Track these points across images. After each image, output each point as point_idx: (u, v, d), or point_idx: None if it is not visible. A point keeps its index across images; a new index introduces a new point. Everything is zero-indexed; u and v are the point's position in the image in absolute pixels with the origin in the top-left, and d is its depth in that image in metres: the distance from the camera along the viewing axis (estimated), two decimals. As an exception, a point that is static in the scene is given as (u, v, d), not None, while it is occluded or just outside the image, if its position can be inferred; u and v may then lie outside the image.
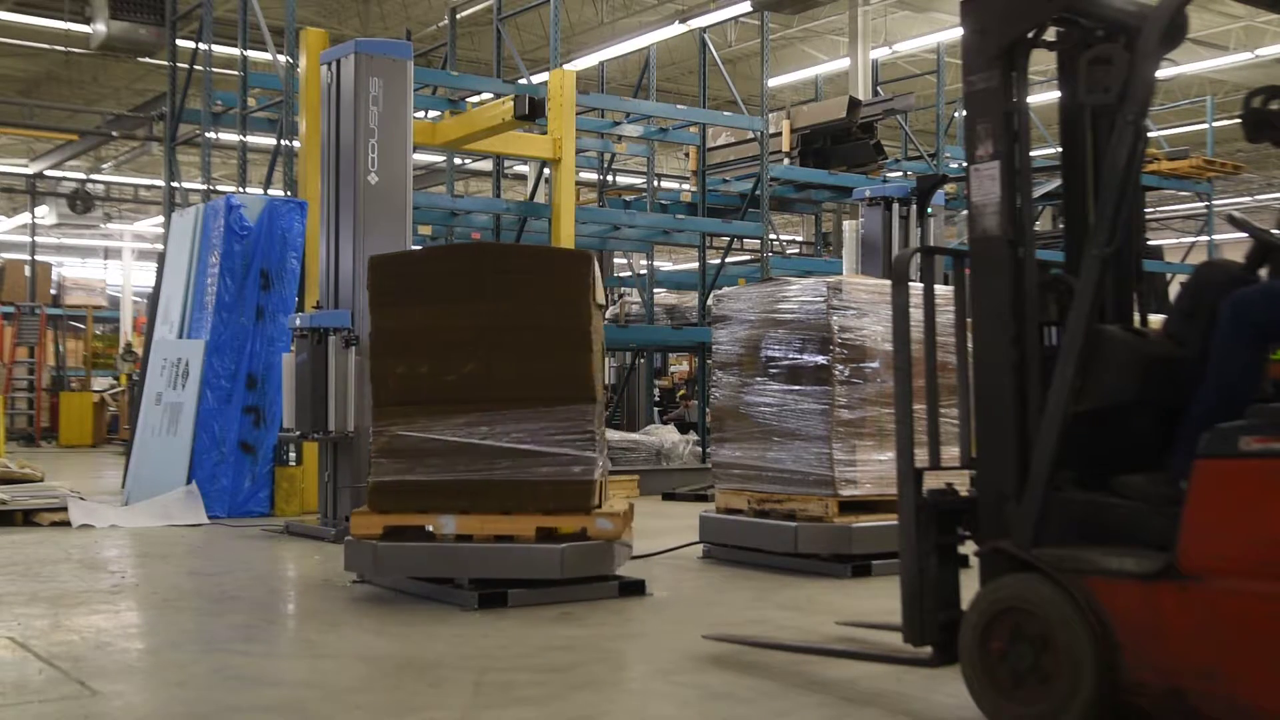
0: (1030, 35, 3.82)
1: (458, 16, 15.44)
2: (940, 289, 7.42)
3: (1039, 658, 3.49)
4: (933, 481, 4.08)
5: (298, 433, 8.12)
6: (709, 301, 11.04)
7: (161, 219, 15.88)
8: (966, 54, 3.88)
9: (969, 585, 3.85)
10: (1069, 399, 3.57)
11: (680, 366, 23.78)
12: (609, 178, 17.85)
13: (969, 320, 4.06)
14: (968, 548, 4.00)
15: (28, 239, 24.89)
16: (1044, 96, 22.20)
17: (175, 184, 13.04)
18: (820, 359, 6.58)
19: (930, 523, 3.92)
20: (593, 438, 5.70)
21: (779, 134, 14.92)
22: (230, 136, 12.73)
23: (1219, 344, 3.47)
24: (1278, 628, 3.13)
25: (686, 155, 17.31)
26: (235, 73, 11.61)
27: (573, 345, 5.75)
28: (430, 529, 5.76)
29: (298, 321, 8.13)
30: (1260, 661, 3.15)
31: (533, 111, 10.54)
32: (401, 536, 5.78)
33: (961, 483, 4.09)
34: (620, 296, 17.87)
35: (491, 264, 5.94)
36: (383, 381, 5.88)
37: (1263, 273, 3.72)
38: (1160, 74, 3.76)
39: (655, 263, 18.06)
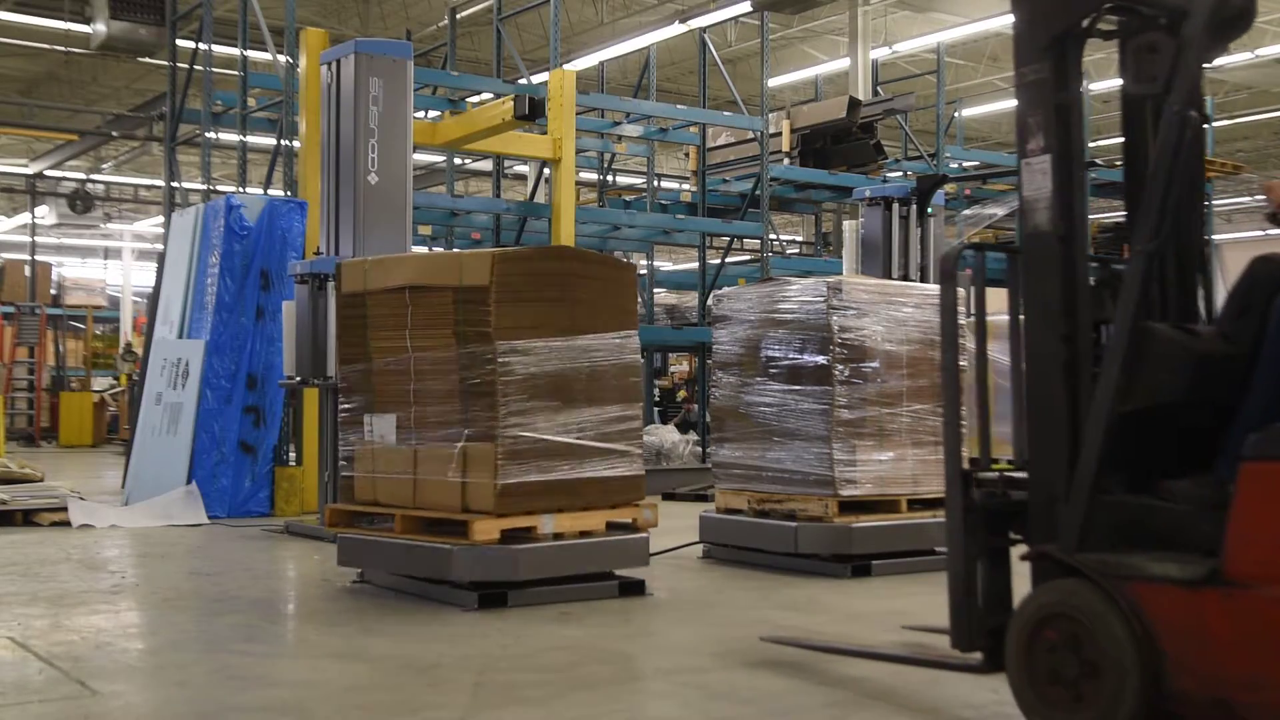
0: (1084, 25, 3.69)
1: (458, 16, 15.44)
2: (934, 288, 7.43)
3: (1083, 665, 3.40)
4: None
5: (297, 379, 8.13)
6: (709, 301, 11.04)
7: (161, 219, 15.87)
8: (1017, 45, 3.77)
9: (1025, 590, 3.76)
10: (1114, 399, 3.46)
11: (680, 366, 23.77)
12: (609, 178, 17.84)
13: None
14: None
15: (28, 239, 24.88)
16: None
17: (175, 184, 13.03)
18: (820, 359, 6.58)
19: (979, 525, 3.81)
20: (640, 436, 6.13)
21: (779, 134, 14.92)
22: (230, 136, 12.72)
23: (1270, 343, 3.35)
24: None
25: (686, 155, 17.31)
26: (235, 73, 11.60)
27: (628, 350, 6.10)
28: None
29: (298, 268, 8.14)
30: None
31: (533, 111, 10.54)
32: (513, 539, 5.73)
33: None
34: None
35: (577, 269, 6.08)
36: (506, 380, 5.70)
37: None
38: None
39: (655, 263, 18.06)
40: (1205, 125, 3.85)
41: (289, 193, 10.45)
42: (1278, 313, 3.36)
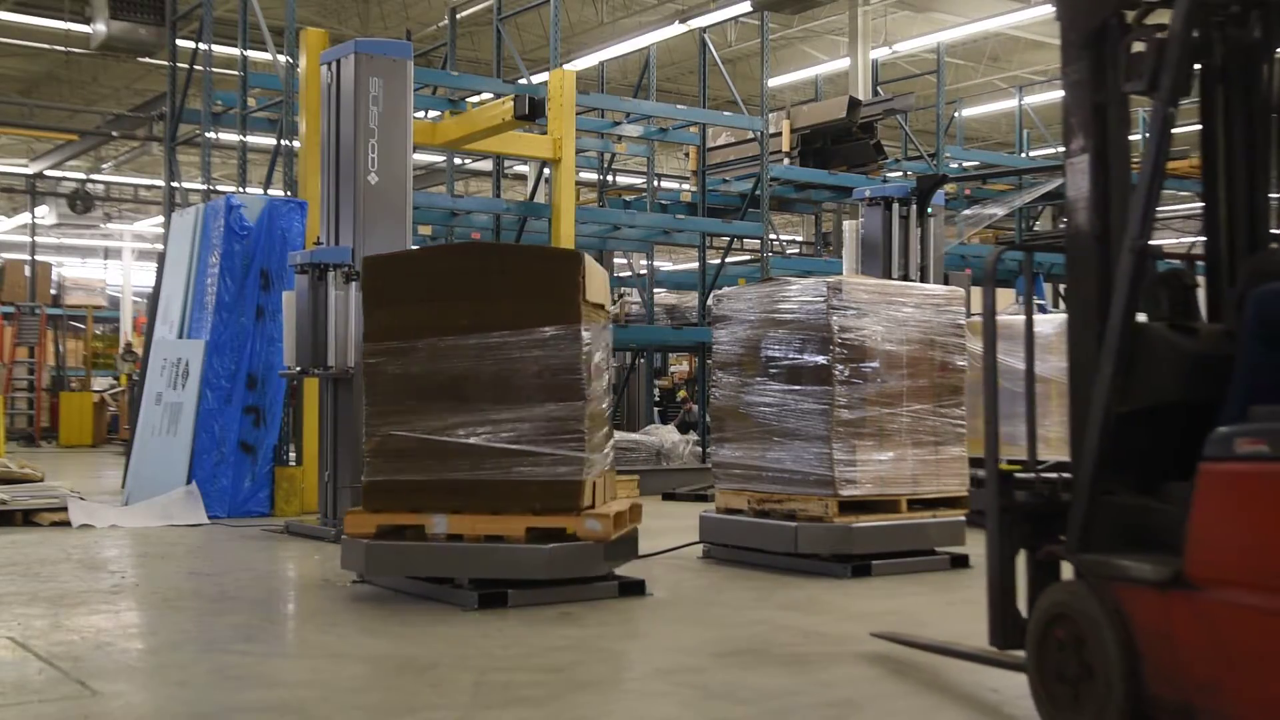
0: (1121, 20, 3.64)
1: (458, 16, 15.44)
2: (938, 288, 7.43)
3: (1080, 666, 3.41)
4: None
5: (298, 369, 8.16)
6: (709, 301, 11.05)
7: (161, 219, 15.87)
8: (1062, 45, 3.76)
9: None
10: (1110, 399, 3.44)
11: (680, 366, 23.78)
12: (609, 178, 17.84)
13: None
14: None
15: (28, 239, 24.87)
16: (1046, 96, 22.19)
17: (175, 184, 13.03)
18: (820, 359, 6.58)
19: (1016, 525, 3.78)
20: (577, 437, 5.58)
21: (779, 134, 14.92)
22: (230, 136, 12.72)
23: (1243, 342, 3.30)
24: (1263, 642, 2.99)
25: (686, 155, 17.30)
26: (235, 73, 11.61)
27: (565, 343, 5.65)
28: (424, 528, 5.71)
29: (298, 258, 8.17)
30: (1251, 678, 3.02)
31: (533, 111, 10.54)
32: (397, 536, 5.76)
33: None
34: (620, 296, 17.87)
35: (493, 264, 5.91)
36: (375, 379, 5.86)
37: None
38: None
39: (655, 263, 18.07)
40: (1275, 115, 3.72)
41: (289, 193, 10.45)
42: (1247, 313, 3.31)
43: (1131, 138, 3.80)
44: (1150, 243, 3.49)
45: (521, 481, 5.56)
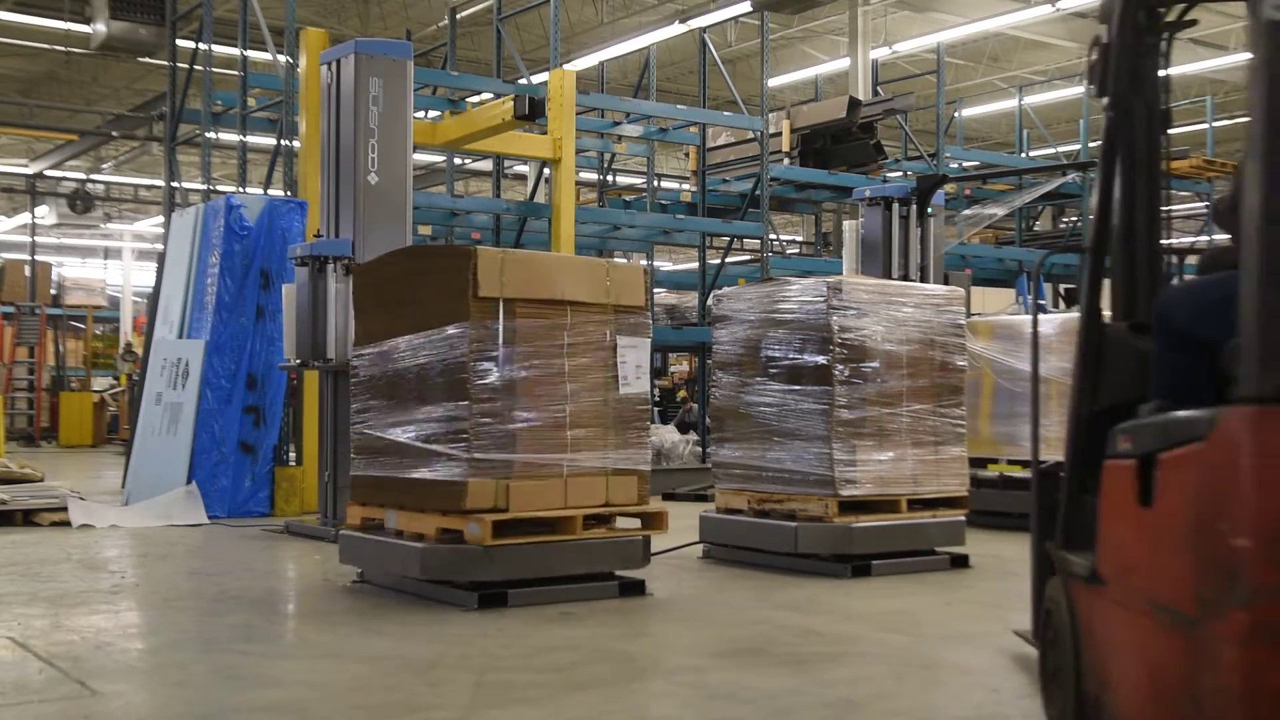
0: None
1: (458, 16, 15.45)
2: (938, 288, 7.43)
3: (1059, 660, 3.46)
4: None
5: (298, 361, 8.15)
6: (709, 301, 11.05)
7: (161, 219, 15.88)
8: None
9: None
10: (1080, 400, 3.50)
11: (680, 366, 23.78)
12: (609, 178, 17.85)
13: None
14: None
15: (28, 239, 24.88)
16: (1046, 96, 22.20)
17: (175, 184, 13.03)
18: (820, 359, 6.58)
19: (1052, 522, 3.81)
20: (466, 438, 5.49)
21: (779, 134, 14.93)
22: (230, 136, 12.73)
23: (1154, 345, 3.31)
24: (1125, 639, 3.02)
25: (686, 155, 17.32)
26: (235, 73, 11.61)
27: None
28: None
29: (299, 250, 8.18)
30: (1119, 673, 3.05)
31: (533, 111, 10.55)
32: (375, 530, 6.07)
33: None
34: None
35: (417, 266, 6.09)
36: (354, 379, 6.28)
37: None
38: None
39: (655, 263, 18.08)
40: None
41: (289, 193, 10.45)
42: (1154, 317, 3.30)
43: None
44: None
45: (430, 480, 5.68)
